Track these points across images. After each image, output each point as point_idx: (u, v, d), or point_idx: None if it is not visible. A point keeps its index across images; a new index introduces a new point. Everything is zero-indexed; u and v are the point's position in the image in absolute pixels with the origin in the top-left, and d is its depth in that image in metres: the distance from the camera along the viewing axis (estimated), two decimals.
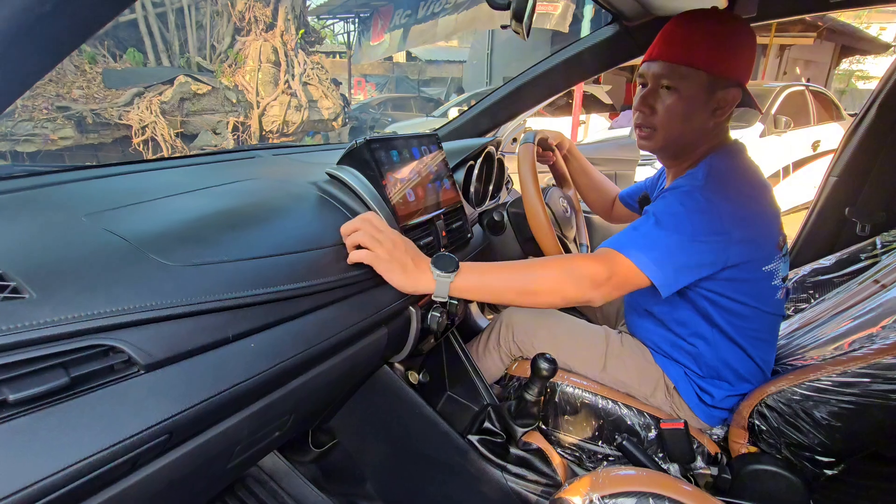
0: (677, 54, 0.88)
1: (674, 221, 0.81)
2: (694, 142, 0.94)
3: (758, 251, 0.87)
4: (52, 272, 0.49)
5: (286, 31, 7.03)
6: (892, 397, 0.78)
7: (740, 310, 0.92)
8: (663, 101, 0.90)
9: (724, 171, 0.88)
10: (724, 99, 0.88)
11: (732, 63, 0.87)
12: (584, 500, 0.75)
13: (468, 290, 0.77)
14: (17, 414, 0.41)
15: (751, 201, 0.87)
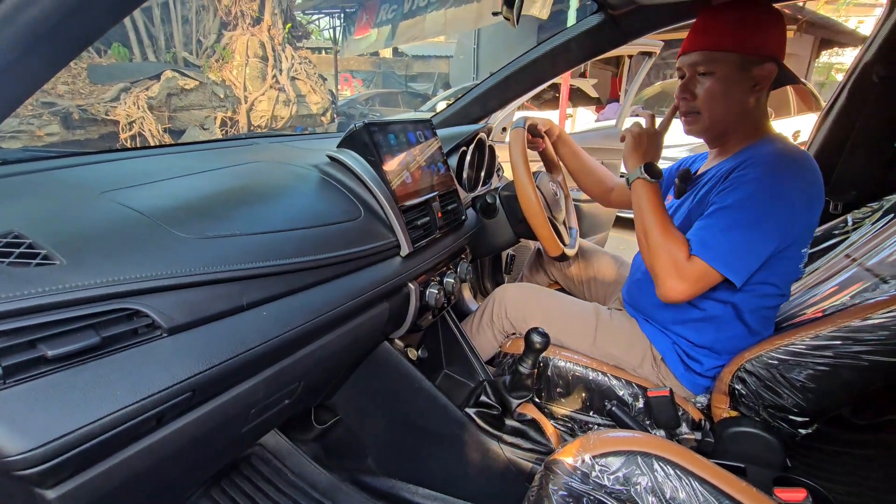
0: (707, 42, 0.94)
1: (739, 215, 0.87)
2: (737, 120, 0.97)
3: (801, 235, 0.92)
4: (79, 242, 0.52)
5: (273, 26, 6.98)
6: (862, 357, 0.84)
7: (767, 289, 0.96)
8: (702, 85, 0.96)
9: (787, 155, 0.91)
10: (760, 74, 0.92)
11: (761, 39, 0.92)
12: (577, 460, 0.80)
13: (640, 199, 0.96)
14: (55, 369, 0.45)
15: (814, 183, 0.90)
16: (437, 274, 1.01)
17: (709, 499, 0.74)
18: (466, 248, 1.17)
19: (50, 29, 0.33)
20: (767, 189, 0.86)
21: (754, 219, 0.86)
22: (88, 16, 0.35)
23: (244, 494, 1.08)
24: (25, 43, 0.33)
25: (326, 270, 0.73)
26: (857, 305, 0.87)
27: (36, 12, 0.32)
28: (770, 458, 0.94)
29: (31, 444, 0.41)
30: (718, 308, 1.00)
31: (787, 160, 0.90)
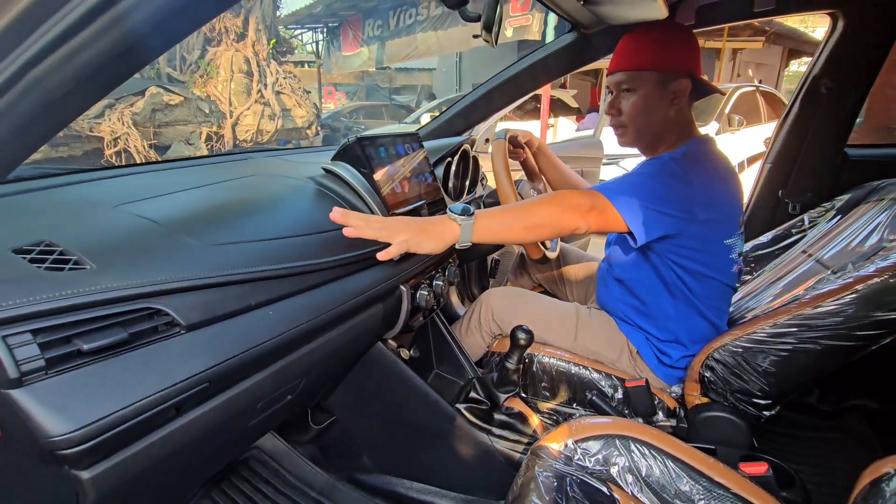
0: (629, 63, 1.05)
1: (651, 181, 0.96)
2: (662, 130, 1.07)
3: (717, 224, 1.00)
4: (104, 249, 0.57)
5: (257, 42, 7.04)
6: (816, 342, 0.93)
7: (701, 278, 1.05)
8: (627, 101, 1.06)
9: (699, 154, 1.02)
10: (677, 89, 1.02)
11: (675, 58, 1.02)
12: (561, 445, 0.87)
13: (486, 230, 0.87)
14: (90, 362, 0.50)
15: (718, 181, 1.02)
16: (426, 277, 1.08)
17: (680, 474, 0.81)
18: (454, 253, 1.24)
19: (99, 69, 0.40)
20: (671, 167, 0.96)
21: (652, 179, 0.95)
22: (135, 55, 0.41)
23: (243, 495, 1.12)
24: (79, 79, 0.40)
25: (326, 273, 0.79)
26: (810, 295, 0.95)
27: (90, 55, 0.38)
28: (738, 438, 1.01)
29: (73, 427, 0.46)
30: (671, 304, 1.08)
31: (702, 158, 1.01)
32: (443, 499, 1.12)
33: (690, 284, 1.05)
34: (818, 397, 1.51)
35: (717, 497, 0.78)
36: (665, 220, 0.95)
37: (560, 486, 0.78)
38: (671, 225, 0.96)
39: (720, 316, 1.09)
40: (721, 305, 1.09)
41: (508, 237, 0.94)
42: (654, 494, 0.80)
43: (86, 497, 0.52)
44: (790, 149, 1.42)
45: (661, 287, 1.08)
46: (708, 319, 1.07)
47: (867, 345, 0.91)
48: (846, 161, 1.40)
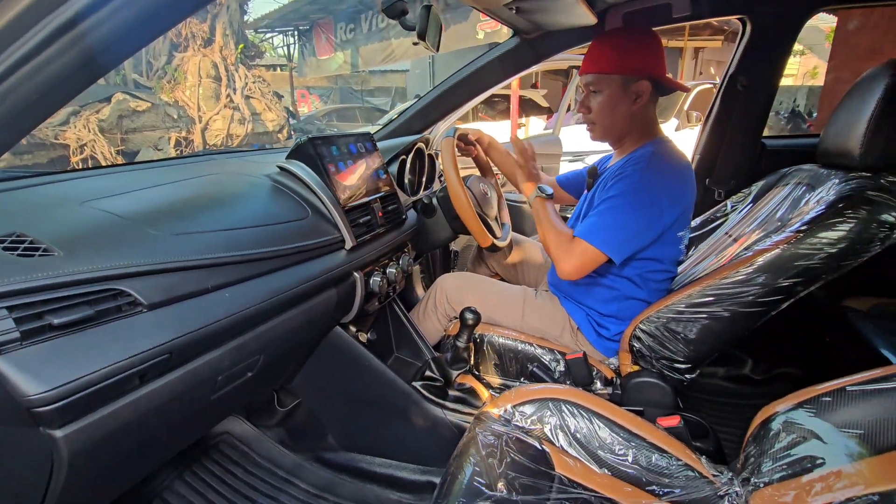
0: (594, 66, 1.15)
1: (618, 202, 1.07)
2: (626, 126, 1.19)
3: (676, 222, 1.13)
4: (71, 238, 0.65)
5: (225, 46, 7.01)
6: (725, 310, 1.04)
7: (653, 265, 1.17)
8: (595, 101, 1.17)
9: (661, 157, 1.13)
10: (639, 90, 1.14)
11: (635, 62, 1.13)
12: (500, 409, 0.97)
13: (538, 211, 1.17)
14: (60, 335, 0.57)
15: (680, 181, 1.13)
16: (380, 265, 1.17)
17: (603, 429, 0.91)
18: (408, 244, 1.33)
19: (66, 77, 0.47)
20: (637, 184, 1.07)
21: (626, 207, 1.07)
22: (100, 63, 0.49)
23: (214, 476, 1.19)
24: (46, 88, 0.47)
25: (280, 261, 0.87)
26: (720, 267, 1.07)
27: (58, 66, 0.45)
28: (664, 401, 1.13)
29: (46, 387, 0.53)
30: (619, 283, 1.19)
31: (660, 161, 1.12)
32: (402, 471, 1.21)
33: (640, 271, 1.17)
34: (751, 368, 1.66)
35: (636, 446, 0.89)
36: (639, 238, 1.09)
37: (497, 443, 0.88)
38: (646, 239, 1.10)
39: (658, 295, 1.20)
40: (662, 287, 1.21)
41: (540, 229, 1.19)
42: (580, 447, 0.90)
43: (60, 456, 0.59)
44: (714, 141, 1.56)
45: (611, 272, 1.20)
46: (647, 301, 1.19)
47: (769, 310, 1.03)
48: (763, 151, 1.55)
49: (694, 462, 0.86)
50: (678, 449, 0.89)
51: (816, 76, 12.46)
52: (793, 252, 0.97)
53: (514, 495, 0.77)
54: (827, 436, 0.72)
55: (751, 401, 1.56)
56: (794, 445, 0.74)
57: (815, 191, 1.09)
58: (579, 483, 0.82)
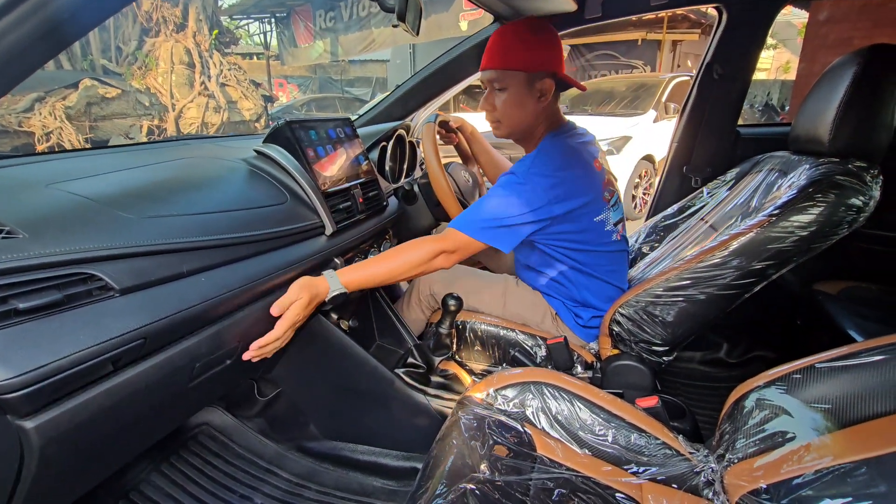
0: (500, 62, 1.10)
1: (499, 200, 1.05)
2: (532, 123, 1.16)
3: (582, 209, 1.11)
4: (36, 220, 0.62)
5: (198, 32, 6.80)
6: (701, 293, 1.07)
7: (584, 252, 1.17)
8: (498, 99, 1.13)
9: (551, 153, 1.10)
10: (543, 87, 1.11)
11: (540, 58, 1.09)
12: (483, 393, 0.97)
13: (353, 280, 0.98)
14: (27, 319, 0.55)
15: (570, 175, 1.09)
16: (361, 252, 1.15)
17: (584, 410, 0.93)
18: (390, 231, 1.32)
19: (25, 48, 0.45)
20: (521, 181, 1.06)
21: (505, 201, 1.05)
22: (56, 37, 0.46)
23: (193, 468, 1.17)
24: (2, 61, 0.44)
25: (258, 245, 0.85)
26: (697, 252, 1.09)
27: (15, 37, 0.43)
28: (643, 383, 1.15)
29: (12, 374, 0.51)
30: (564, 275, 1.21)
31: (553, 157, 1.09)
32: (385, 457, 1.21)
33: (579, 259, 1.17)
34: (726, 352, 1.70)
35: (615, 427, 0.91)
36: (522, 229, 1.06)
37: (479, 426, 0.88)
38: (530, 229, 1.07)
39: (617, 277, 1.22)
40: (616, 268, 1.22)
41: (379, 281, 1.03)
42: (561, 428, 0.92)
43: (29, 445, 0.57)
44: (691, 129, 1.58)
45: (557, 264, 1.21)
46: (608, 282, 1.21)
47: (743, 292, 1.06)
48: (738, 138, 1.58)
49: (671, 441, 0.88)
50: (656, 428, 0.92)
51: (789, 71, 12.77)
52: (766, 235, 0.99)
53: (497, 476, 0.77)
54: (797, 412, 0.74)
55: (726, 383, 1.61)
56: (767, 422, 0.77)
57: (787, 176, 1.12)
58: (560, 463, 0.84)
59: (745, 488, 0.73)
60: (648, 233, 1.51)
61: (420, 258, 1.03)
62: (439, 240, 1.05)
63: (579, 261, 1.17)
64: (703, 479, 0.82)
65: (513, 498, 0.74)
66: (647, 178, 4.76)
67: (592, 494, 0.78)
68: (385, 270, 1.01)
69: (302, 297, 0.89)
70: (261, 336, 0.87)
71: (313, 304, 0.93)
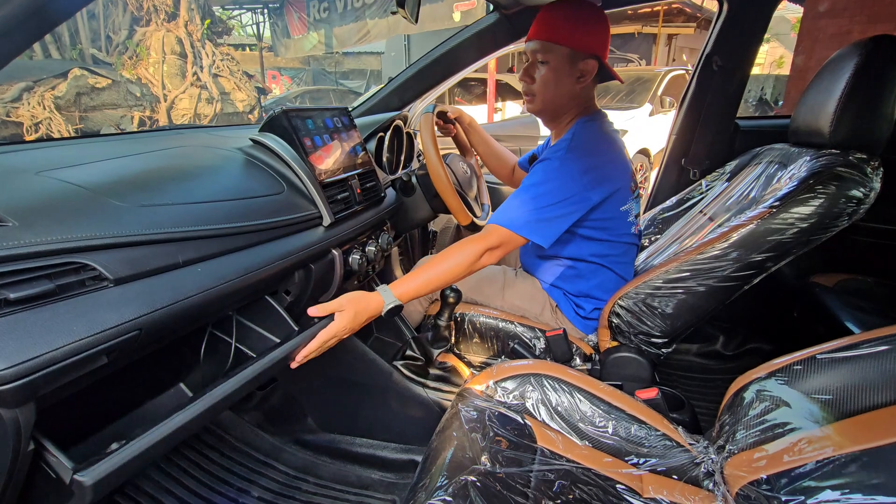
0: (546, 33, 1.10)
1: (538, 190, 1.04)
2: (565, 104, 1.16)
3: (612, 197, 1.11)
4: (27, 208, 0.60)
5: (190, 22, 6.69)
6: (701, 285, 1.07)
7: (603, 243, 1.17)
8: (539, 71, 1.13)
9: (585, 137, 1.10)
10: (584, 68, 1.11)
11: (588, 39, 1.10)
12: (483, 385, 0.97)
13: (407, 291, 0.98)
14: (18, 310, 0.53)
15: (604, 160, 1.10)
16: (358, 243, 1.14)
17: (584, 401, 0.92)
18: (387, 222, 1.30)
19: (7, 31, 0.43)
20: (557, 166, 1.05)
21: (543, 190, 1.04)
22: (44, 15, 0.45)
23: (189, 461, 1.16)
24: None
25: (254, 236, 0.84)
26: (697, 244, 1.09)
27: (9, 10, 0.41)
28: (642, 374, 1.15)
29: (4, 365, 0.50)
30: (578, 264, 1.21)
31: (588, 141, 1.09)
32: (383, 450, 1.20)
33: (595, 249, 1.17)
34: (723, 344, 1.71)
35: (615, 418, 0.91)
36: (563, 221, 1.05)
37: (479, 418, 0.88)
38: (570, 220, 1.06)
39: (625, 269, 1.22)
40: (625, 260, 1.22)
41: (432, 289, 1.04)
42: (562, 420, 0.91)
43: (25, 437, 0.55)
44: (690, 121, 1.58)
45: (570, 254, 1.20)
46: (615, 273, 1.20)
47: (742, 284, 1.06)
48: (737, 131, 1.58)
49: (671, 432, 0.88)
50: (656, 420, 0.92)
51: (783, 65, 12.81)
52: (766, 227, 0.99)
53: (498, 468, 0.77)
54: (798, 403, 0.74)
55: (723, 375, 1.62)
56: (767, 413, 0.77)
57: (786, 168, 1.12)
58: (561, 455, 0.83)
59: (745, 479, 0.74)
60: (647, 225, 1.51)
61: (467, 259, 1.02)
62: (482, 238, 1.04)
63: (595, 250, 1.17)
64: (704, 470, 0.82)
65: (514, 490, 0.73)
66: (643, 171, 4.77)
67: (593, 486, 0.77)
68: (435, 277, 1.01)
69: (347, 310, 0.90)
70: None
71: (361, 318, 0.93)
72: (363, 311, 0.93)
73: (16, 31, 0.45)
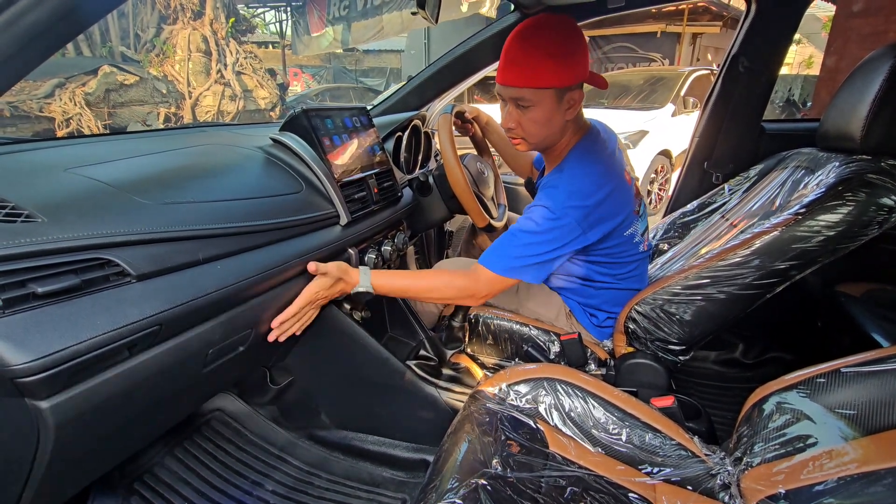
0: (527, 80, 0.97)
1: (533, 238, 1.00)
2: (557, 135, 1.08)
3: (614, 227, 1.06)
4: (55, 205, 0.62)
5: (215, 20, 6.81)
6: (722, 292, 1.04)
7: (609, 264, 1.14)
8: (524, 115, 1.02)
9: (582, 176, 1.02)
10: (572, 98, 1.01)
11: (573, 72, 0.99)
12: (496, 388, 0.97)
13: (383, 285, 1.01)
14: (45, 304, 0.55)
15: (604, 195, 1.02)
16: (375, 242, 1.15)
17: (598, 408, 0.91)
18: (403, 222, 1.31)
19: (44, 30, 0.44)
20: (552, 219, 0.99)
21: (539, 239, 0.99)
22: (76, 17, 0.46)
23: (206, 453, 1.19)
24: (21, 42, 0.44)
25: (273, 234, 0.85)
26: (718, 250, 1.07)
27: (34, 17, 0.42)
28: (658, 382, 1.13)
29: (31, 357, 0.52)
30: (590, 282, 1.18)
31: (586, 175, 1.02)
32: (395, 448, 1.21)
33: (603, 270, 1.15)
34: (742, 352, 1.67)
35: (629, 426, 0.89)
36: (554, 263, 1.02)
37: (491, 421, 0.88)
38: (562, 261, 1.03)
39: (637, 282, 1.19)
40: (635, 274, 1.19)
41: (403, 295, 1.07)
42: (574, 426, 0.90)
43: (46, 427, 0.57)
44: (714, 124, 1.54)
45: (578, 274, 1.18)
46: (627, 288, 1.18)
47: (764, 293, 1.03)
48: (763, 134, 1.54)
49: (687, 442, 0.87)
50: (671, 429, 0.90)
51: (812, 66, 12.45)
52: (791, 235, 0.96)
53: (509, 472, 0.77)
54: (820, 417, 0.72)
55: (741, 384, 1.58)
56: (787, 426, 0.75)
57: (814, 174, 1.08)
58: (573, 461, 0.83)
59: (762, 493, 0.72)
60: (666, 229, 1.48)
61: (449, 295, 1.04)
62: (471, 280, 1.03)
63: (603, 271, 1.15)
64: (719, 482, 0.80)
65: (524, 495, 0.73)
66: (664, 173, 4.68)
67: (605, 494, 0.76)
68: (414, 291, 1.04)
69: (331, 273, 0.93)
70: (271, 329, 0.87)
71: (336, 288, 0.97)
72: (342, 280, 0.96)
73: (50, 31, 0.46)
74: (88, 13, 0.47)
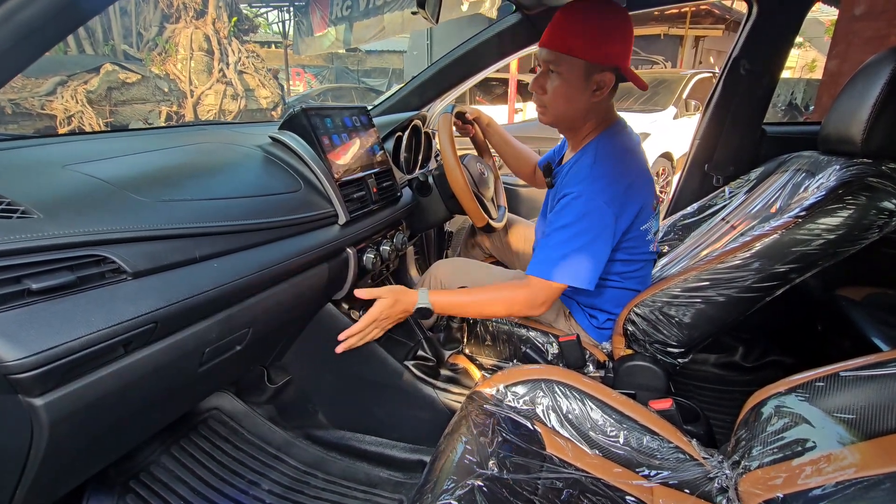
0: (559, 43, 0.99)
1: (569, 232, 0.99)
2: (580, 117, 1.08)
3: (637, 219, 1.07)
4: (51, 201, 0.62)
5: (218, 19, 6.82)
6: (721, 294, 1.04)
7: (623, 260, 1.13)
8: (551, 82, 1.04)
9: (608, 161, 1.03)
10: (601, 81, 1.00)
11: (606, 49, 0.98)
12: (493, 389, 0.96)
13: (441, 302, 1.04)
14: (39, 300, 0.55)
15: (630, 181, 1.03)
16: (373, 242, 1.14)
17: (596, 410, 0.91)
18: (403, 222, 1.31)
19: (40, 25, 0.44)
20: (583, 206, 0.99)
21: (575, 231, 0.99)
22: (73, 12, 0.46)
23: (202, 451, 1.18)
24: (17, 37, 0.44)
25: (271, 233, 0.85)
26: (718, 253, 1.06)
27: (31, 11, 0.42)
28: (656, 384, 1.13)
29: (25, 354, 0.51)
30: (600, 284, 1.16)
31: (613, 164, 1.03)
32: (392, 449, 1.21)
33: (612, 268, 1.13)
34: (742, 355, 1.67)
35: (627, 428, 0.89)
36: (601, 258, 1.02)
37: (489, 422, 0.87)
38: (606, 255, 1.03)
39: (641, 283, 1.19)
40: (641, 275, 1.19)
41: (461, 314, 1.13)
42: (572, 428, 0.90)
43: (40, 424, 0.57)
44: (715, 126, 1.54)
45: None
46: (630, 289, 1.17)
47: (763, 296, 1.03)
48: (764, 137, 1.53)
49: (685, 445, 0.86)
50: (669, 432, 0.89)
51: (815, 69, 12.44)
52: (791, 238, 0.96)
53: (505, 474, 0.76)
54: (818, 420, 0.72)
55: (741, 388, 1.58)
56: (786, 430, 0.74)
57: (815, 177, 1.08)
58: (570, 463, 0.82)
59: (760, 497, 0.71)
60: (666, 232, 1.48)
61: (508, 311, 1.07)
62: (525, 290, 1.03)
63: (612, 269, 1.13)
64: (717, 486, 0.80)
65: (521, 496, 0.72)
66: (665, 175, 4.68)
67: (602, 496, 0.76)
68: (473, 309, 1.07)
69: (387, 297, 0.98)
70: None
71: (398, 308, 1.01)
72: (400, 301, 1.00)
73: (42, 31, 0.46)
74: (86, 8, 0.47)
